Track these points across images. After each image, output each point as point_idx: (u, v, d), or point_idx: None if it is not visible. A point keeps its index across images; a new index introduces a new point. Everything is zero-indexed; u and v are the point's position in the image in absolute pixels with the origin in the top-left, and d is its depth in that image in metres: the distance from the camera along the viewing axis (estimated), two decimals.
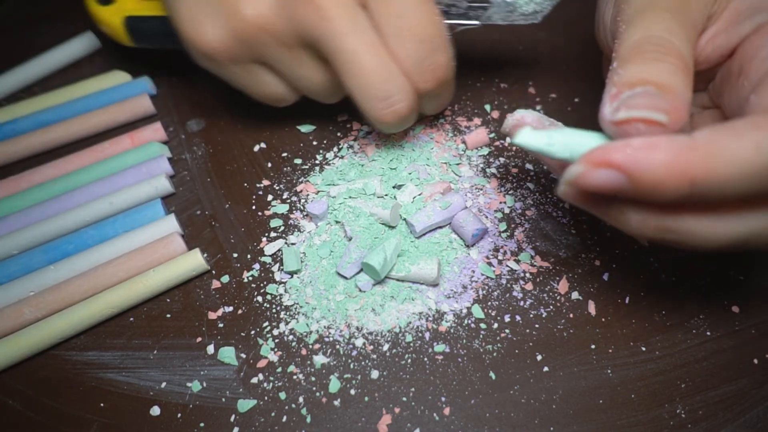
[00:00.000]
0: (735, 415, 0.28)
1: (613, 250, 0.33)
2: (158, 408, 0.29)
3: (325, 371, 0.29)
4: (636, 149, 0.20)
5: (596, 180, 0.21)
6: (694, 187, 0.20)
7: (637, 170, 0.20)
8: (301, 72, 0.33)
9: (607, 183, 0.21)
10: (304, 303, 0.32)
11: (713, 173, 0.20)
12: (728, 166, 0.20)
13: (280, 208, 0.36)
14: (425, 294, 0.32)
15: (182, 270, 0.32)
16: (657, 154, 0.20)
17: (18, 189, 0.37)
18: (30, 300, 0.31)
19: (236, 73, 0.33)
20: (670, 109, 0.21)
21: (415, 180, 0.35)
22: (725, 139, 0.20)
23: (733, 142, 0.20)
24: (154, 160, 0.37)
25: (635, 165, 0.20)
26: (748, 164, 0.20)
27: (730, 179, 0.20)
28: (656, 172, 0.20)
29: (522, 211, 0.35)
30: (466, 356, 0.30)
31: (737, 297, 0.31)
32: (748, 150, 0.20)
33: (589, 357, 0.29)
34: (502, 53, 0.45)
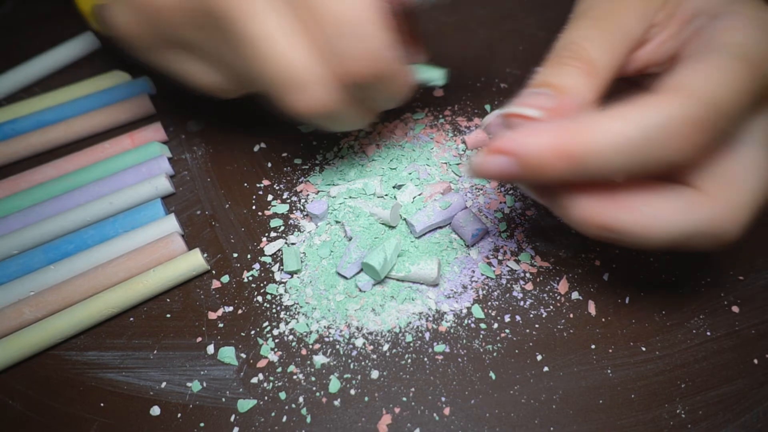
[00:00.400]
0: (735, 415, 0.28)
1: (613, 250, 0.33)
2: (158, 408, 0.29)
3: (325, 371, 0.29)
4: (521, 134, 0.23)
5: (493, 166, 0.24)
6: (574, 163, 0.22)
7: (522, 153, 0.23)
8: (222, 55, 0.29)
9: (501, 168, 0.23)
10: (304, 303, 0.32)
11: (587, 150, 0.21)
12: (604, 143, 0.21)
13: (280, 208, 0.36)
14: (425, 294, 0.32)
15: (182, 270, 0.32)
16: (539, 137, 0.22)
17: (18, 189, 0.37)
18: (30, 300, 0.31)
19: (162, 60, 0.31)
20: (553, 108, 0.24)
21: (415, 180, 0.35)
22: (607, 118, 0.21)
23: (614, 120, 0.21)
24: (154, 160, 0.37)
25: (520, 148, 0.23)
26: (624, 139, 0.21)
27: (607, 155, 0.21)
28: (538, 153, 0.22)
29: (522, 211, 0.35)
30: (466, 356, 0.30)
31: (737, 297, 0.31)
32: (627, 127, 0.21)
33: (589, 357, 0.29)
34: (502, 53, 0.45)
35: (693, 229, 0.23)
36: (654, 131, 0.21)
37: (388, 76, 0.27)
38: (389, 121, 0.40)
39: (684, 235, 0.23)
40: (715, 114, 0.21)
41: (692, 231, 0.23)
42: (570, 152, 0.22)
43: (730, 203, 0.23)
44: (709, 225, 0.23)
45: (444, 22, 0.48)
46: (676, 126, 0.21)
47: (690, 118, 0.21)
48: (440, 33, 0.47)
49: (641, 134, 0.21)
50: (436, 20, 0.48)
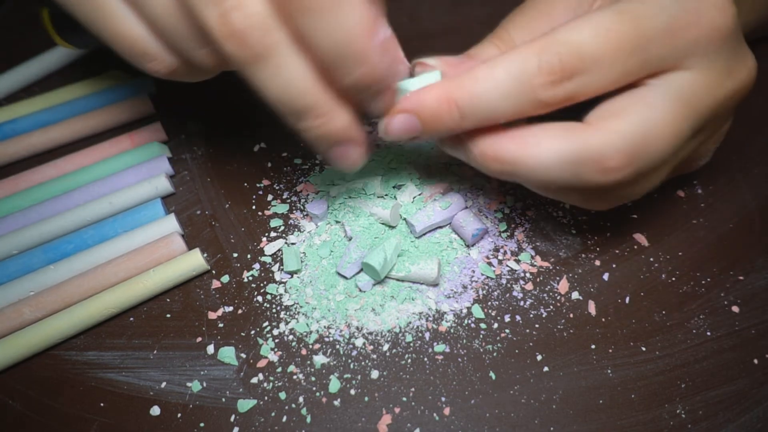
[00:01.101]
0: (735, 415, 0.28)
1: (613, 250, 0.33)
2: (158, 408, 0.29)
3: (325, 371, 0.29)
4: (415, 94, 0.26)
5: (397, 125, 0.26)
6: (461, 110, 0.25)
7: (417, 107, 0.26)
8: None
9: (404, 125, 0.26)
10: (304, 303, 0.32)
11: (469, 96, 0.25)
12: (481, 89, 0.24)
13: (280, 208, 0.36)
14: (425, 294, 0.32)
15: (182, 270, 0.32)
16: (429, 92, 0.26)
17: (18, 189, 0.37)
18: (30, 300, 0.31)
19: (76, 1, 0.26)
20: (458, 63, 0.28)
21: (415, 180, 0.35)
22: (483, 67, 0.25)
23: (488, 69, 0.24)
24: (154, 160, 0.37)
25: (416, 104, 0.26)
26: (497, 84, 0.24)
27: (485, 99, 0.25)
28: (430, 105, 0.25)
29: (522, 211, 0.35)
30: (466, 356, 0.30)
31: (737, 297, 0.31)
32: (499, 74, 0.24)
33: (589, 357, 0.29)
34: None
35: (574, 156, 0.24)
36: (519, 73, 0.24)
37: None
38: None
39: (567, 162, 0.25)
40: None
41: (574, 157, 0.24)
42: (454, 99, 0.25)
43: (608, 129, 0.24)
44: (587, 149, 0.24)
45: (444, 22, 0.48)
46: (534, 73, 0.24)
47: (545, 62, 0.24)
48: (440, 33, 0.47)
49: (510, 77, 0.24)
50: (436, 20, 0.48)
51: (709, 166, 0.37)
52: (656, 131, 0.24)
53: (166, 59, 0.26)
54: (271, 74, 0.23)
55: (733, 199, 0.35)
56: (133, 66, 0.27)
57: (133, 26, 0.26)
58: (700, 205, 0.35)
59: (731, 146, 0.38)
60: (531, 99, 0.24)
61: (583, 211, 0.35)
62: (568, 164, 0.25)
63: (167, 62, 0.27)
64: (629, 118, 0.24)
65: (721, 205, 0.35)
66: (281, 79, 0.23)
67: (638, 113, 0.24)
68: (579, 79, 0.24)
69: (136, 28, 0.26)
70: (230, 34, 0.22)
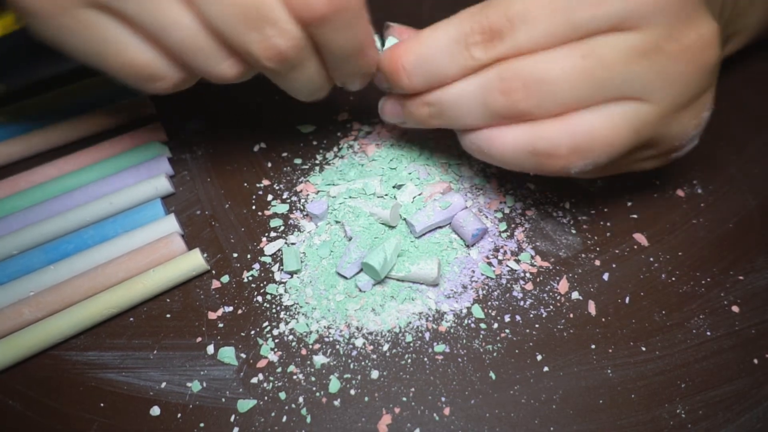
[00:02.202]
0: (735, 415, 0.28)
1: (613, 250, 0.33)
2: (158, 408, 0.29)
3: (325, 371, 0.29)
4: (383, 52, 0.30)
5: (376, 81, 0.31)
6: (407, 70, 0.28)
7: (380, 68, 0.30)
8: (162, 18, 0.24)
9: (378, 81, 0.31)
10: (304, 303, 0.32)
11: (413, 56, 0.28)
12: (423, 49, 0.28)
13: (280, 208, 0.36)
14: (425, 294, 0.32)
15: (182, 270, 0.32)
16: (385, 54, 0.29)
17: (18, 189, 0.37)
18: (30, 300, 0.31)
19: (76, 30, 0.25)
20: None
21: (415, 180, 0.35)
22: (426, 30, 0.28)
23: (431, 31, 0.28)
24: (154, 160, 0.37)
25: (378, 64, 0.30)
26: (437, 44, 0.27)
27: (427, 58, 0.28)
28: (385, 66, 0.29)
29: (522, 211, 0.35)
30: (466, 356, 0.30)
31: (737, 297, 0.31)
32: (439, 35, 0.27)
33: (589, 357, 0.29)
34: None
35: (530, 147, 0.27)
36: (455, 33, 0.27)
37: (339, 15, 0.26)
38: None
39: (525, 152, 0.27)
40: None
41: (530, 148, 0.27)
42: (401, 60, 0.28)
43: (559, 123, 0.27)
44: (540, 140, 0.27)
45: None
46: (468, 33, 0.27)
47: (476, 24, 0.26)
48: None
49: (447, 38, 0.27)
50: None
51: (709, 165, 0.37)
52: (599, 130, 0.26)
53: (174, 76, 0.27)
54: (297, 76, 0.28)
55: (733, 199, 0.35)
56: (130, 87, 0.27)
57: (141, 52, 0.26)
58: (700, 205, 0.35)
59: (731, 146, 0.38)
60: (466, 58, 0.27)
61: (583, 211, 0.35)
62: (526, 154, 0.27)
63: (175, 80, 0.27)
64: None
65: (721, 205, 0.35)
66: (305, 77, 0.29)
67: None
68: (509, 38, 0.26)
69: (145, 54, 0.26)
70: (274, 56, 0.26)
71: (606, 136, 0.26)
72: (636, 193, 0.36)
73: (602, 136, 0.26)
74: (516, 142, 0.27)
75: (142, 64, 0.26)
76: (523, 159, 0.27)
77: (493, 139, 0.28)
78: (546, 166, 0.27)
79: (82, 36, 0.25)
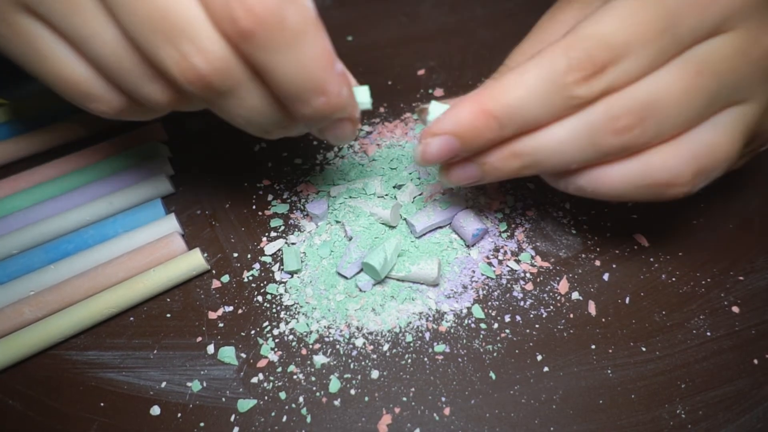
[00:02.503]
0: (735, 415, 0.28)
1: (613, 250, 0.33)
2: (158, 408, 0.29)
3: (325, 371, 0.29)
4: (447, 114, 0.25)
5: (434, 148, 0.26)
6: (499, 120, 0.24)
7: (454, 126, 0.25)
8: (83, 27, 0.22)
9: (442, 147, 0.25)
10: (304, 303, 0.32)
11: (504, 105, 0.24)
12: (514, 96, 0.24)
13: (280, 208, 0.36)
14: (425, 294, 0.32)
15: (182, 270, 0.32)
16: (462, 108, 0.25)
17: (18, 189, 0.37)
18: (30, 300, 0.31)
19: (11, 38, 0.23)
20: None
21: (415, 180, 0.35)
22: (511, 75, 0.24)
23: (518, 76, 0.24)
24: (154, 160, 0.37)
25: (452, 123, 0.25)
26: (529, 89, 0.24)
27: (520, 105, 0.24)
28: (467, 121, 0.24)
29: (522, 211, 0.35)
30: (466, 356, 0.30)
31: (737, 297, 0.31)
32: (529, 79, 0.24)
33: (589, 357, 0.29)
34: (502, 53, 0.45)
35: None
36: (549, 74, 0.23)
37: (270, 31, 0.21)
38: (389, 121, 0.40)
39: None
40: (597, 46, 0.23)
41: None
42: (490, 110, 0.24)
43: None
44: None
45: (444, 22, 0.48)
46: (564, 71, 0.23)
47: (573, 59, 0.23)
48: (440, 33, 0.47)
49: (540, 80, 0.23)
50: (436, 20, 0.48)
51: None
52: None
53: (113, 100, 0.25)
54: (235, 105, 0.24)
55: (733, 199, 0.35)
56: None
57: (74, 66, 0.24)
58: (700, 205, 0.35)
59: None
60: (565, 98, 0.24)
61: (583, 211, 0.35)
62: (643, 187, 0.25)
63: (113, 103, 0.25)
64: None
65: (721, 205, 0.35)
66: (245, 109, 0.24)
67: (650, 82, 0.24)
68: (612, 69, 0.23)
69: (78, 68, 0.24)
70: (194, 78, 0.22)
71: (726, 149, 0.24)
72: None
73: (723, 150, 0.24)
74: (628, 177, 0.25)
75: (75, 81, 0.24)
76: (637, 192, 0.25)
77: (600, 178, 0.25)
78: (666, 194, 0.25)
79: (18, 44, 0.23)
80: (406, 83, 0.43)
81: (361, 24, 0.48)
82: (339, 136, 0.27)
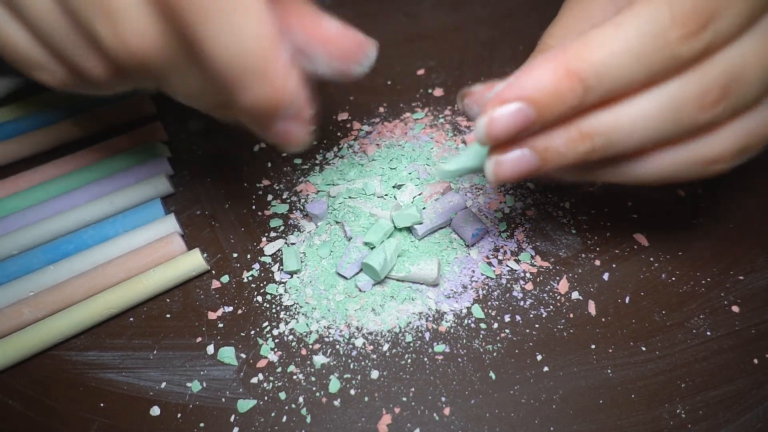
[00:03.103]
0: (735, 415, 0.28)
1: (613, 250, 0.33)
2: (158, 408, 0.29)
3: (325, 371, 0.29)
4: (518, 77, 0.21)
5: (504, 119, 0.21)
6: (585, 82, 0.21)
7: (530, 90, 0.21)
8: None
9: (514, 118, 0.21)
10: (304, 303, 0.32)
11: (593, 64, 0.20)
12: (608, 53, 0.20)
13: (280, 208, 0.36)
14: (425, 294, 0.32)
15: (182, 270, 0.32)
16: (538, 71, 0.21)
17: (18, 189, 0.37)
18: (30, 300, 0.31)
19: None
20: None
21: (415, 180, 0.35)
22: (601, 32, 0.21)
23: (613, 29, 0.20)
24: (154, 160, 0.37)
25: (528, 87, 0.21)
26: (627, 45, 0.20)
27: (615, 65, 0.20)
28: (548, 84, 0.21)
29: (522, 211, 0.35)
30: (466, 356, 0.30)
31: (737, 297, 0.31)
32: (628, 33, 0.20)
33: (589, 357, 0.29)
34: (502, 53, 0.45)
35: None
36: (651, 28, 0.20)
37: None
38: (389, 121, 0.40)
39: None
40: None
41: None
42: (576, 71, 0.21)
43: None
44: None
45: (444, 21, 0.48)
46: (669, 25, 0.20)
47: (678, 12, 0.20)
48: (440, 33, 0.47)
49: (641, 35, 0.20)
50: (436, 20, 0.48)
51: None
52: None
53: (56, 70, 0.24)
54: (175, 84, 0.23)
55: (733, 199, 0.35)
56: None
57: (13, 32, 0.23)
58: (700, 205, 0.35)
59: None
60: (668, 57, 0.20)
61: (583, 211, 0.35)
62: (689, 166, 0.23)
63: (56, 74, 0.24)
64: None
65: (721, 205, 0.35)
66: (185, 88, 0.23)
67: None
68: (713, 25, 0.20)
69: (18, 34, 0.23)
70: (126, 54, 0.21)
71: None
72: (636, 193, 0.36)
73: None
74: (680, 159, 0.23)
75: (17, 47, 0.23)
76: (678, 175, 0.23)
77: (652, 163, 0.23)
78: (706, 172, 0.23)
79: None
80: (405, 83, 0.43)
81: (360, 23, 0.48)
82: (285, 140, 0.24)
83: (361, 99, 0.41)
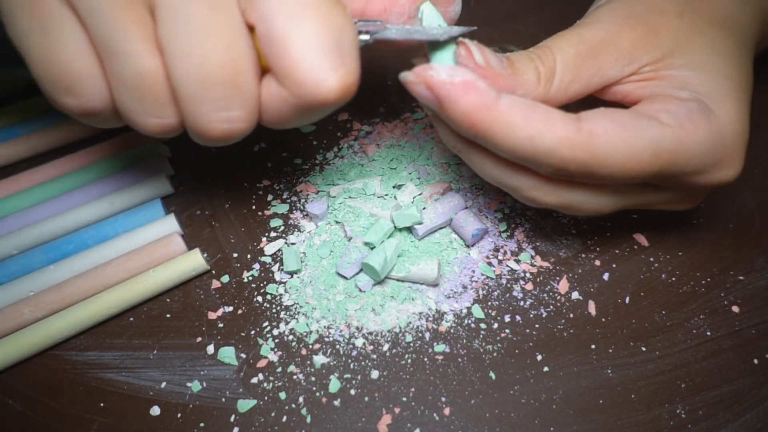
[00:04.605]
0: (735, 415, 0.28)
1: (613, 250, 0.33)
2: (158, 408, 0.29)
3: (325, 371, 0.29)
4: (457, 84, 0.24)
5: (418, 92, 0.25)
6: (481, 133, 0.24)
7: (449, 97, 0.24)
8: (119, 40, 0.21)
9: (425, 97, 0.25)
10: (304, 303, 0.32)
11: (493, 127, 0.24)
12: (508, 133, 0.24)
13: (280, 208, 0.36)
14: (425, 294, 0.32)
15: (182, 270, 0.32)
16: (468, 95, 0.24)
17: (18, 189, 0.37)
18: (30, 300, 0.31)
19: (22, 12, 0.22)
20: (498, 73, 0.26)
21: (415, 180, 0.35)
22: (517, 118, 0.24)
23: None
24: (154, 160, 0.37)
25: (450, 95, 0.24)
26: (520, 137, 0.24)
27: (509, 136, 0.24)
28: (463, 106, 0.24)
29: (522, 211, 0.35)
30: (466, 356, 0.30)
31: (737, 297, 0.31)
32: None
33: (589, 357, 0.29)
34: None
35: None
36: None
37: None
38: (389, 121, 0.40)
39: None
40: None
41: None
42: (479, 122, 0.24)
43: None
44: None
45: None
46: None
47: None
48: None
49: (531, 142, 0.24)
50: None
51: None
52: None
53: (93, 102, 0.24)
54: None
55: (733, 199, 0.35)
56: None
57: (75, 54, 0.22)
58: (700, 205, 0.35)
59: None
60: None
61: None
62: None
63: (91, 104, 0.24)
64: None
65: (721, 205, 0.35)
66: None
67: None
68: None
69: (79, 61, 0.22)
70: (224, 135, 0.24)
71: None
72: None
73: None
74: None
75: (67, 68, 0.22)
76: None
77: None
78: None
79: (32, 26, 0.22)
80: None
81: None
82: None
83: (361, 99, 0.41)
